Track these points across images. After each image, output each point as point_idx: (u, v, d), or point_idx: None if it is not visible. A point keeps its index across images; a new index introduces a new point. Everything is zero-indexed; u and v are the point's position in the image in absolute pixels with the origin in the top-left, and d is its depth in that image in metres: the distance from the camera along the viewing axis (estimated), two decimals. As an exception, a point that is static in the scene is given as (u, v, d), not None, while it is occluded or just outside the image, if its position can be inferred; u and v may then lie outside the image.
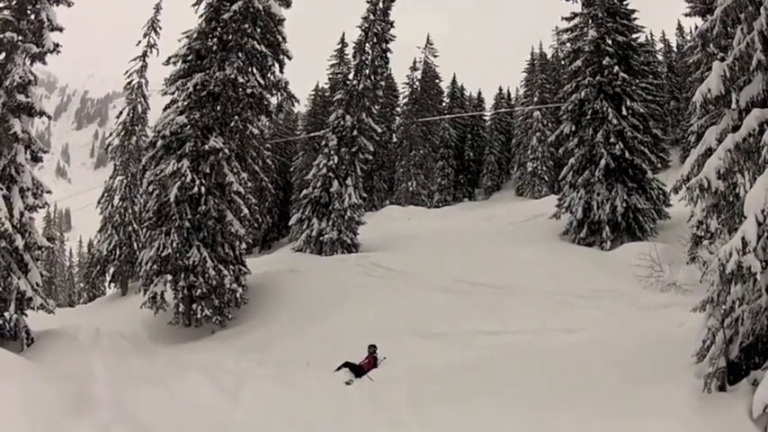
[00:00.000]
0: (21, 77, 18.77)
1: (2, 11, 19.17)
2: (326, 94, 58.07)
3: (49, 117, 21.51)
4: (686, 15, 27.71)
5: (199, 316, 22.52)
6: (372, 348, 16.79)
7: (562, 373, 12.80)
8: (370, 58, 34.81)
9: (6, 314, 18.93)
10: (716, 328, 9.75)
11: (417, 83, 66.27)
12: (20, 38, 19.08)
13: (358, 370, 16.04)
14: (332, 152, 33.76)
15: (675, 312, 15.29)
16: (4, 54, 19.27)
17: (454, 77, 71.68)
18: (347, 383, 15.30)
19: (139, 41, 35.29)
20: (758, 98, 9.66)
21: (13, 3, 19.29)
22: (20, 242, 18.60)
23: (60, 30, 20.24)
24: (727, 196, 10.34)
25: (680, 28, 60.04)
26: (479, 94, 74.30)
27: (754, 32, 9.31)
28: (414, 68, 66.58)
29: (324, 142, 34.89)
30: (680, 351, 11.05)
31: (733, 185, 10.22)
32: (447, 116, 67.72)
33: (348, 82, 35.33)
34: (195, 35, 23.44)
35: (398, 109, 68.23)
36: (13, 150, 18.99)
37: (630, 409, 10.18)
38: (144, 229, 24.88)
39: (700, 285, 17.18)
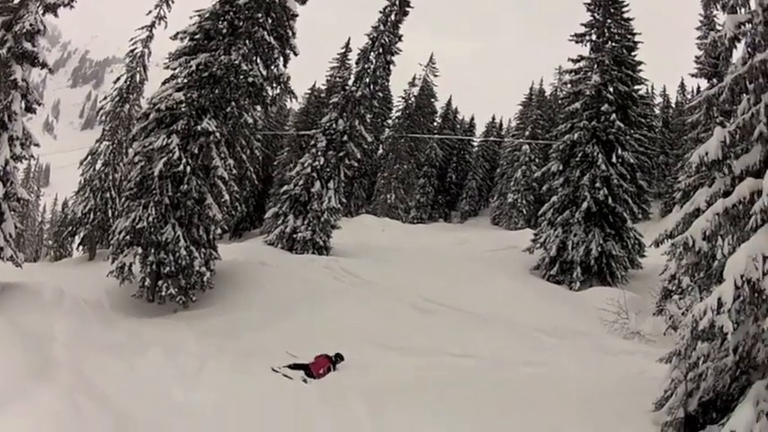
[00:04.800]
0: (31, 25, 18.51)
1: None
2: (322, 95, 58.51)
3: (51, 70, 21.19)
4: (692, 76, 28.41)
5: (163, 293, 22.20)
6: (338, 358, 16.50)
7: (516, 402, 12.90)
8: (372, 67, 35.20)
9: (-27, 260, 18.69)
10: (679, 380, 10.00)
11: (413, 99, 66.77)
12: (37, -16, 18.88)
13: (309, 372, 15.87)
14: (319, 153, 33.94)
15: (637, 360, 15.49)
16: (18, -1, 19.02)
17: (450, 99, 72.45)
18: (305, 381, 15.27)
19: (150, 11, 35.14)
20: (753, 168, 9.93)
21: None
22: (0, 190, 18.41)
23: (78, -16, 20.03)
24: (707, 257, 10.59)
25: (682, 86, 61.38)
26: (472, 119, 75.34)
27: (761, 104, 9.58)
28: (412, 84, 67.21)
29: (312, 142, 35.07)
30: (638, 397, 11.27)
31: (713, 248, 10.47)
32: (437, 136, 68.20)
33: (347, 87, 35.60)
34: (207, 15, 23.30)
35: (390, 121, 68.60)
36: (9, 97, 18.66)
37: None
38: (122, 199, 24.60)
39: (663, 337, 17.68)
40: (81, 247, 37.57)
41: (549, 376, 14.97)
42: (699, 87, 48.12)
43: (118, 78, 37.32)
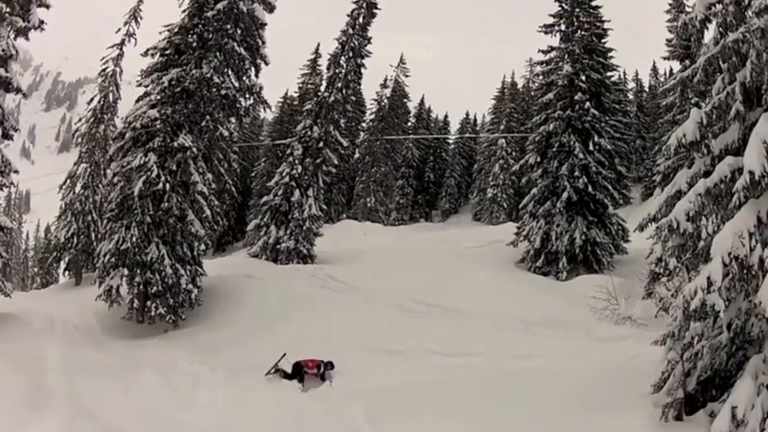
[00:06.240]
0: (3, 50, 18.23)
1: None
2: (295, 102, 58.47)
3: (25, 95, 20.86)
4: (665, 59, 28.46)
5: (153, 314, 22.12)
6: (329, 364, 16.60)
7: (515, 397, 12.94)
8: (343, 71, 35.06)
9: (-41, 293, 18.42)
10: (675, 361, 10.09)
11: (386, 100, 66.71)
12: (8, 9, 18.57)
13: (301, 369, 15.94)
14: (296, 161, 33.81)
15: (630, 345, 15.57)
16: (-11, 24, 18.71)
17: (422, 99, 72.61)
18: (302, 390, 15.29)
19: (119, 29, 34.84)
20: (732, 146, 10.02)
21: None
22: (-19, 220, 18.19)
23: (47, 6, 19.85)
24: (693, 237, 10.66)
25: (654, 69, 61.77)
26: (446, 117, 75.52)
27: (736, 83, 9.66)
28: (384, 86, 67.18)
29: (289, 151, 34.93)
30: (635, 381, 11.33)
31: (697, 228, 10.54)
32: (412, 136, 68.30)
33: (319, 93, 35.53)
34: (176, 30, 23.21)
35: (364, 124, 68.54)
36: (-15, 125, 18.49)
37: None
38: (104, 221, 24.40)
39: (655, 320, 17.75)
40: (67, 273, 37.18)
41: (545, 367, 15.03)
42: (671, 70, 48.61)
43: (91, 99, 36.99)
